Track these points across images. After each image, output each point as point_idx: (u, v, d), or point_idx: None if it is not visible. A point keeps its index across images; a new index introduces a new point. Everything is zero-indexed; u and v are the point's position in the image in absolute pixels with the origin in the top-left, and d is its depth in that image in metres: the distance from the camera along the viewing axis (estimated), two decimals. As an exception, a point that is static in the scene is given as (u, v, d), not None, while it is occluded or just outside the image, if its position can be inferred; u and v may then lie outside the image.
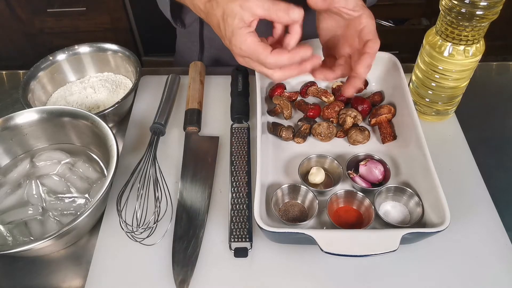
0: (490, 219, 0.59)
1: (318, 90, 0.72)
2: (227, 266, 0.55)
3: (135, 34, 1.83)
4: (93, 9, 1.73)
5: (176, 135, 0.71)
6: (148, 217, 0.58)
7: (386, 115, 0.67)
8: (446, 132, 0.70)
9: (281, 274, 0.54)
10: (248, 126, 0.70)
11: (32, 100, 0.72)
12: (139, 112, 0.76)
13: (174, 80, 0.76)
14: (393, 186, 0.59)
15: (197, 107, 0.71)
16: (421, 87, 0.68)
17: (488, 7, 0.55)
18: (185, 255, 0.55)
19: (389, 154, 0.65)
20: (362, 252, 0.48)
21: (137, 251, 0.56)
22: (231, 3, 0.51)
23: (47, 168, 0.64)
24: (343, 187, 0.61)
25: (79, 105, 0.75)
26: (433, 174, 0.55)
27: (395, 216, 0.57)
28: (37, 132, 0.66)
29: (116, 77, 0.80)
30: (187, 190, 0.62)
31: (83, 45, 0.79)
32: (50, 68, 0.76)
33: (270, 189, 0.60)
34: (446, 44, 0.61)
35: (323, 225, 0.57)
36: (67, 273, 0.57)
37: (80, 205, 0.61)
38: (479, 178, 0.64)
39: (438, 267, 0.54)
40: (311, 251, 0.55)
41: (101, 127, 0.62)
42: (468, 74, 0.64)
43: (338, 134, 0.67)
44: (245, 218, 0.58)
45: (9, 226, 0.58)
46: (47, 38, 1.83)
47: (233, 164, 0.64)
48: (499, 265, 0.55)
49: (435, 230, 0.50)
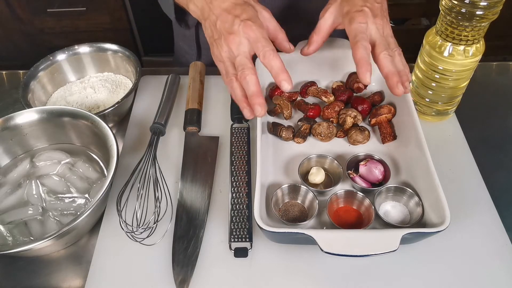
0: (490, 219, 0.59)
1: (318, 90, 0.72)
2: (227, 266, 0.55)
3: (135, 34, 1.83)
4: (93, 9, 1.73)
5: (176, 135, 0.71)
6: (148, 217, 0.58)
7: (386, 115, 0.67)
8: (446, 132, 0.70)
9: (281, 274, 0.54)
10: (248, 126, 0.70)
11: (32, 100, 0.72)
12: (139, 112, 0.76)
13: (174, 80, 0.76)
14: (393, 186, 0.59)
15: (197, 107, 0.71)
16: (421, 87, 0.68)
17: (488, 7, 0.55)
18: (185, 255, 0.55)
19: (389, 154, 0.65)
20: (362, 252, 0.48)
21: (137, 251, 0.56)
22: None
23: (47, 168, 0.64)
24: (343, 187, 0.61)
25: (79, 105, 0.75)
26: (433, 174, 0.55)
27: (395, 216, 0.57)
28: (37, 132, 0.66)
29: (116, 77, 0.80)
30: (187, 190, 0.62)
31: (83, 45, 0.79)
32: (50, 68, 0.76)
33: (270, 189, 0.60)
34: (446, 44, 0.61)
35: (323, 225, 0.57)
36: (67, 273, 0.57)
37: (80, 205, 0.61)
38: (479, 178, 0.64)
39: (438, 267, 0.54)
40: (311, 251, 0.55)
41: (101, 127, 0.62)
42: (468, 74, 0.64)
43: (338, 134, 0.67)
44: (245, 218, 0.58)
45: (9, 226, 0.58)
46: (47, 38, 1.83)
47: (233, 164, 0.64)
48: (499, 265, 0.54)
49: (435, 230, 0.50)
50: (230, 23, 0.55)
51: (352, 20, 0.57)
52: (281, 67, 0.54)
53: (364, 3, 0.58)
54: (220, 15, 0.56)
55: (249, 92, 0.54)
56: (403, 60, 0.58)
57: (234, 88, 0.56)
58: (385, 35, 0.58)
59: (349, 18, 0.58)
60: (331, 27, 0.63)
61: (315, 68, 0.73)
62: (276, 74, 0.54)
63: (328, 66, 0.73)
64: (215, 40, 0.57)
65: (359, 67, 0.55)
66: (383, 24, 0.58)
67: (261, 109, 0.54)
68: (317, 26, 0.63)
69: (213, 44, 0.58)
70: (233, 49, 0.55)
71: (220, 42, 0.56)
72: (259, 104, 0.54)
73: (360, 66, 0.55)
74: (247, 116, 0.56)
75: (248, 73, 0.54)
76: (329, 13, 0.62)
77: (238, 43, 0.55)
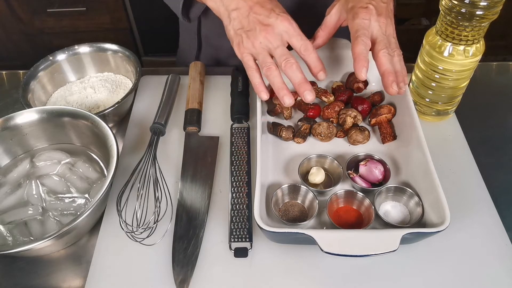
0: (490, 219, 0.59)
1: (318, 90, 0.72)
2: (227, 266, 0.55)
3: (135, 34, 1.83)
4: (93, 9, 1.72)
5: (176, 135, 0.71)
6: (148, 217, 0.58)
7: (386, 115, 0.67)
8: (446, 132, 0.70)
9: (281, 274, 0.54)
10: (248, 126, 0.70)
11: (32, 100, 0.72)
12: (139, 112, 0.76)
13: (174, 80, 0.76)
14: (393, 186, 0.59)
15: (197, 107, 0.71)
16: (421, 87, 0.68)
17: (488, 7, 0.55)
18: (185, 255, 0.55)
19: (389, 154, 0.65)
20: (362, 252, 0.48)
21: (137, 251, 0.56)
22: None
23: (47, 168, 0.64)
24: (343, 187, 0.61)
25: (79, 105, 0.75)
26: (433, 174, 0.55)
27: (395, 216, 0.57)
28: (37, 132, 0.66)
29: (116, 77, 0.80)
30: (187, 190, 0.62)
31: (83, 45, 0.79)
32: (50, 68, 0.76)
33: (270, 189, 0.60)
34: (446, 44, 0.61)
35: (323, 225, 0.57)
36: (67, 273, 0.57)
37: (80, 205, 0.61)
38: (479, 178, 0.64)
39: (438, 267, 0.54)
40: (311, 251, 0.55)
41: (101, 127, 0.62)
42: (468, 74, 0.64)
43: (338, 134, 0.67)
44: (245, 218, 0.58)
45: (9, 226, 0.58)
46: (47, 38, 1.82)
47: (233, 164, 0.64)
48: (499, 265, 0.54)
49: (435, 230, 0.50)
50: (266, 15, 0.56)
51: (356, 16, 0.58)
52: (319, 60, 0.58)
53: (370, 0, 0.58)
54: (253, 7, 0.57)
55: (297, 79, 0.57)
56: (401, 62, 0.59)
57: (275, 76, 0.57)
58: (387, 34, 0.58)
59: (353, 14, 0.58)
60: (337, 23, 0.63)
61: (315, 68, 0.73)
62: (315, 66, 0.58)
63: (328, 66, 0.73)
64: (246, 31, 0.58)
65: (356, 62, 0.56)
66: (386, 23, 0.58)
67: (311, 94, 0.56)
68: (323, 22, 0.64)
69: (242, 36, 0.58)
70: (272, 40, 0.56)
71: (255, 34, 0.57)
72: (310, 90, 0.56)
73: (357, 61, 0.56)
74: (287, 104, 0.58)
75: (293, 61, 0.56)
76: (335, 9, 0.62)
77: (277, 34, 0.56)
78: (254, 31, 0.57)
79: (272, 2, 0.58)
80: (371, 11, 0.58)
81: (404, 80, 0.58)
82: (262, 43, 0.57)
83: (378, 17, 0.58)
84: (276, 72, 0.57)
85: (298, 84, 0.57)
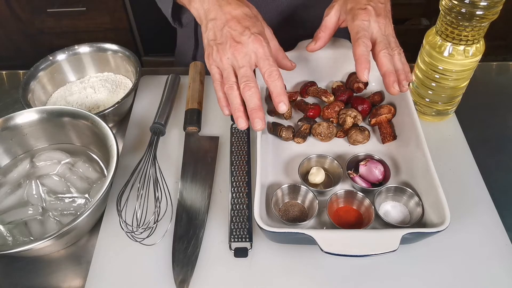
0: (490, 219, 0.59)
1: (318, 90, 0.72)
2: (227, 266, 0.55)
3: (135, 34, 1.83)
4: (93, 9, 1.73)
5: (176, 135, 0.71)
6: (148, 217, 0.58)
7: (386, 115, 0.67)
8: (446, 132, 0.70)
9: (281, 274, 0.54)
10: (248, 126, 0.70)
11: (32, 100, 0.72)
12: (139, 112, 0.76)
13: (174, 80, 0.76)
14: (393, 186, 0.59)
15: (197, 107, 0.71)
16: (421, 87, 0.68)
17: (488, 7, 0.55)
18: (185, 255, 0.55)
19: (389, 154, 0.65)
20: (362, 252, 0.48)
21: (137, 251, 0.56)
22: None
23: (47, 168, 0.64)
24: (343, 187, 0.61)
25: (79, 105, 0.75)
26: (433, 174, 0.55)
27: (395, 216, 0.57)
28: (37, 132, 0.66)
29: (116, 77, 0.80)
30: (187, 190, 0.62)
31: (83, 45, 0.79)
32: (50, 68, 0.76)
33: (270, 189, 0.60)
34: (446, 44, 0.61)
35: (323, 225, 0.57)
36: (67, 273, 0.57)
37: (80, 205, 0.61)
38: (479, 178, 0.64)
39: (438, 267, 0.54)
40: (311, 251, 0.55)
41: (101, 127, 0.62)
42: (468, 74, 0.64)
43: (338, 134, 0.67)
44: (245, 218, 0.58)
45: (9, 226, 0.58)
46: (47, 38, 1.83)
47: (233, 164, 0.64)
48: (499, 265, 0.54)
49: (435, 230, 0.50)
50: (240, 32, 0.55)
51: (355, 17, 0.58)
52: (283, 89, 0.55)
53: (368, 2, 0.59)
54: (229, 21, 0.56)
55: (251, 105, 0.54)
56: (403, 59, 0.59)
57: (234, 97, 0.56)
58: (386, 34, 0.59)
59: (352, 15, 0.58)
60: (337, 24, 0.63)
61: (315, 68, 0.73)
62: (277, 95, 0.54)
63: (328, 66, 0.73)
64: (217, 44, 0.56)
65: (357, 64, 0.56)
66: (385, 24, 0.59)
67: (261, 123, 0.54)
68: (322, 23, 0.64)
69: (213, 48, 0.57)
70: (238, 58, 0.55)
71: (224, 48, 0.55)
72: (260, 118, 0.54)
73: (359, 63, 0.56)
74: (240, 127, 0.56)
75: (253, 85, 0.54)
76: (334, 10, 0.62)
77: (245, 53, 0.54)
78: (224, 45, 0.55)
79: (251, 19, 0.56)
80: (370, 12, 0.58)
81: (407, 77, 0.58)
82: (229, 59, 0.55)
83: (377, 17, 0.58)
84: (236, 92, 0.56)
85: (251, 110, 0.55)
